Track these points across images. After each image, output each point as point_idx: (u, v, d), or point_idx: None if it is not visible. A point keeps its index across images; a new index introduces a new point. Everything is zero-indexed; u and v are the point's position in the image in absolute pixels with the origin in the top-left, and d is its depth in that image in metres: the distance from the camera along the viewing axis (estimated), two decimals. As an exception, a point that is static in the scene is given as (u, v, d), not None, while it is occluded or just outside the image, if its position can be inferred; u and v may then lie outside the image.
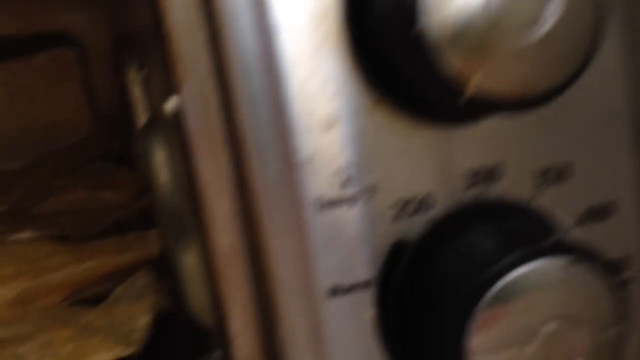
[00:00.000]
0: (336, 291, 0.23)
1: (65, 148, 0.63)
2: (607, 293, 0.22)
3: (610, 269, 0.22)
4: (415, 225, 0.23)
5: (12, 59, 0.65)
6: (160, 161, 0.32)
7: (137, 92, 0.39)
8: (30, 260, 0.36)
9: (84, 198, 0.53)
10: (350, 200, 0.23)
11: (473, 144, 0.24)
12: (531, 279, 0.21)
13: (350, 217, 0.23)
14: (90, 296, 0.36)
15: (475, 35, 0.20)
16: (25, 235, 0.38)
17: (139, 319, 0.30)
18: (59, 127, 0.69)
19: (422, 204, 0.23)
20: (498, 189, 0.24)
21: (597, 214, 0.25)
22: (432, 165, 0.23)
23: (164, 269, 0.36)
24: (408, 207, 0.23)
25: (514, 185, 0.24)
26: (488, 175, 0.24)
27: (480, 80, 0.20)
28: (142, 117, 0.39)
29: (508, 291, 0.21)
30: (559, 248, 0.22)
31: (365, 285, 0.23)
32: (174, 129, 0.25)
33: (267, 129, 0.22)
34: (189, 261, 0.28)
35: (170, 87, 0.24)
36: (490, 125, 0.24)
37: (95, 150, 0.61)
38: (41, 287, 0.34)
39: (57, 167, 0.59)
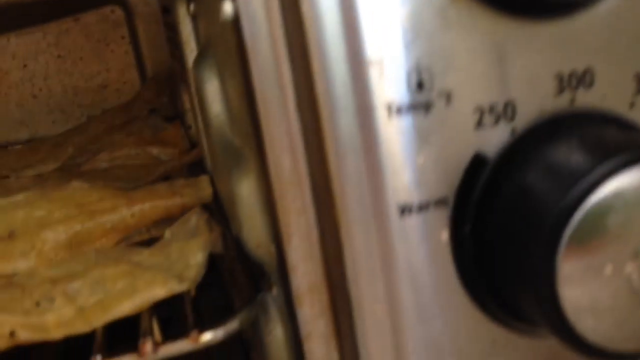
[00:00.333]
0: (407, 210, 0.21)
1: (115, 107, 0.62)
2: None
3: None
4: (497, 136, 0.21)
5: (60, 19, 0.65)
6: (213, 91, 0.30)
7: (186, 29, 0.37)
8: (81, 204, 0.35)
9: (133, 154, 0.53)
10: (423, 107, 0.20)
11: (562, 45, 0.21)
12: (630, 189, 0.19)
13: (424, 125, 0.20)
14: (143, 240, 0.35)
15: None
16: (76, 185, 0.37)
17: (193, 256, 0.29)
18: (108, 87, 0.69)
19: (504, 113, 0.21)
20: (590, 97, 0.21)
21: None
22: (515, 68, 0.21)
23: (216, 212, 0.35)
24: (488, 115, 0.21)
25: (607, 93, 0.22)
26: (579, 80, 0.21)
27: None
28: (192, 55, 0.37)
29: (607, 201, 0.19)
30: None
31: (439, 203, 0.21)
32: (230, 41, 0.23)
33: (333, 26, 0.20)
34: (246, 191, 0.27)
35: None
36: (582, 25, 0.21)
37: (143, 109, 0.61)
38: (93, 230, 0.33)
39: (107, 124, 0.58)
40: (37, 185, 0.44)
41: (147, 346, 0.25)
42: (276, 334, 0.28)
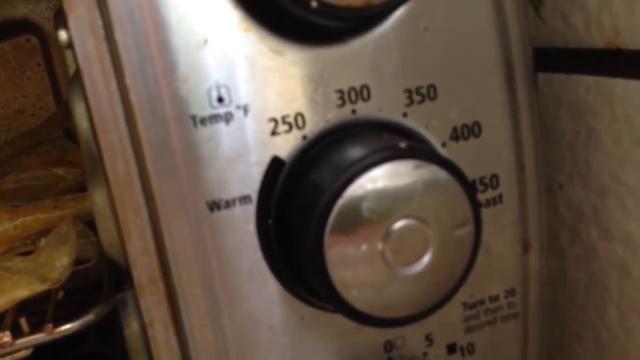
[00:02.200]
0: (218, 205, 0.25)
1: (26, 131, 0.65)
2: (459, 195, 0.24)
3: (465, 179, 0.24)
4: (291, 142, 0.25)
5: (-25, 49, 0.67)
6: (81, 111, 0.33)
7: (69, 55, 0.41)
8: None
9: (39, 175, 0.55)
10: (224, 117, 0.24)
11: (340, 66, 0.25)
12: (384, 179, 0.23)
13: (226, 133, 0.25)
14: (29, 250, 0.38)
15: None
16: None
17: (59, 260, 0.32)
18: (25, 113, 0.71)
19: (295, 122, 0.25)
20: (368, 109, 0.26)
21: (463, 134, 0.27)
22: (302, 85, 0.25)
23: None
24: (282, 125, 0.25)
25: (383, 105, 0.26)
26: (357, 95, 0.26)
27: None
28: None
29: (363, 191, 0.23)
30: (411, 151, 0.23)
31: (244, 199, 0.25)
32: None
33: (145, 48, 0.24)
34: (99, 197, 0.30)
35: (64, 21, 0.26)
36: (355, 49, 0.26)
37: (53, 132, 0.63)
38: (-23, 241, 0.36)
39: (16, 148, 0.61)
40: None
41: (5, 338, 0.28)
42: (133, 326, 0.32)
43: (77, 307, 0.33)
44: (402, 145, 0.24)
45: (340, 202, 0.23)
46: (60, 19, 0.40)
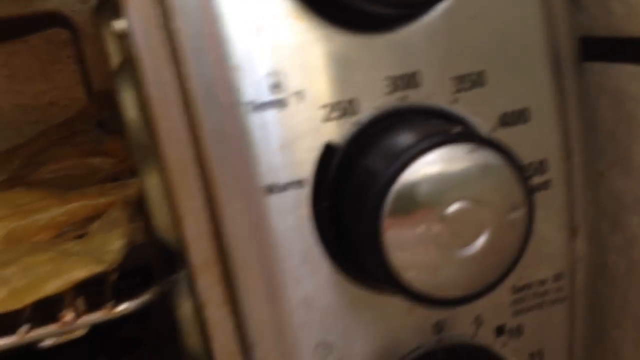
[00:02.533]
0: (273, 189, 0.26)
1: (60, 122, 0.66)
2: (512, 179, 0.24)
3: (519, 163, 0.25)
4: (344, 128, 0.26)
5: (9, 41, 0.69)
6: (129, 99, 0.34)
7: (111, 43, 0.42)
8: (17, 205, 0.39)
9: (75, 165, 0.56)
10: (278, 105, 0.25)
11: (392, 54, 0.26)
12: (438, 164, 0.24)
13: (281, 119, 0.25)
14: (77, 235, 0.39)
15: None
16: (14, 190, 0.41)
17: (111, 243, 0.33)
18: (56, 105, 0.73)
19: (348, 109, 0.26)
20: (418, 95, 0.27)
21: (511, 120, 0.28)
22: (356, 72, 0.26)
23: (143, 209, 0.39)
24: (335, 111, 0.26)
25: (433, 92, 0.27)
26: (408, 82, 0.26)
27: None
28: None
29: (417, 176, 0.24)
30: (465, 136, 0.24)
31: (299, 183, 0.26)
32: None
33: (201, 36, 0.25)
34: (152, 183, 0.31)
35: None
36: (405, 37, 0.26)
37: (87, 123, 0.65)
38: (28, 227, 0.37)
39: (51, 138, 0.62)
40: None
41: (68, 316, 0.29)
42: (185, 308, 0.33)
43: (126, 291, 0.34)
44: (455, 130, 0.24)
45: (396, 187, 0.23)
46: (106, 10, 0.41)
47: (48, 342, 0.31)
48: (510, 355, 0.30)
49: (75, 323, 0.29)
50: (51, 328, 0.29)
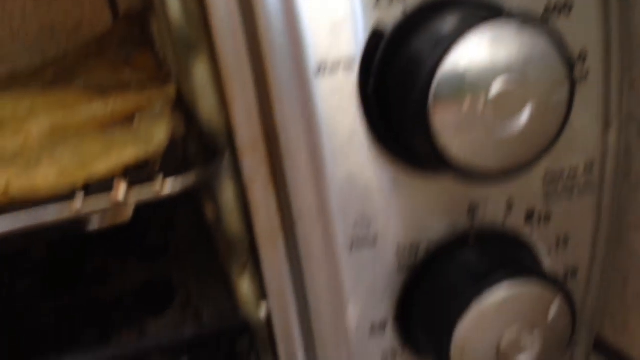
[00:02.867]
0: (322, 70, 0.27)
1: (90, 39, 0.67)
2: (557, 59, 0.25)
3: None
4: (391, 15, 0.27)
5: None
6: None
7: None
8: (60, 101, 0.40)
9: (106, 77, 0.57)
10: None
11: None
12: (486, 42, 0.25)
13: (333, 0, 0.26)
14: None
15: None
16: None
17: (157, 132, 0.34)
18: (83, 26, 0.73)
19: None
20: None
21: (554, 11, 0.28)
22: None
23: (180, 106, 0.41)
24: (385, -1, 0.27)
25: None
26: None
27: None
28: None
29: (465, 54, 0.24)
30: (512, 15, 0.25)
31: (348, 65, 0.27)
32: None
33: None
34: (200, 73, 0.32)
35: None
36: None
37: (116, 41, 0.65)
38: (71, 121, 0.39)
39: (82, 54, 0.63)
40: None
41: (122, 186, 0.31)
42: (228, 192, 0.34)
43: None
44: (503, 10, 0.25)
45: (443, 68, 0.24)
46: None
47: (96, 224, 0.33)
48: (537, 240, 0.32)
49: (126, 199, 0.31)
50: (104, 202, 0.31)
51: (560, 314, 0.30)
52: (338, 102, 0.28)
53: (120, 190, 0.31)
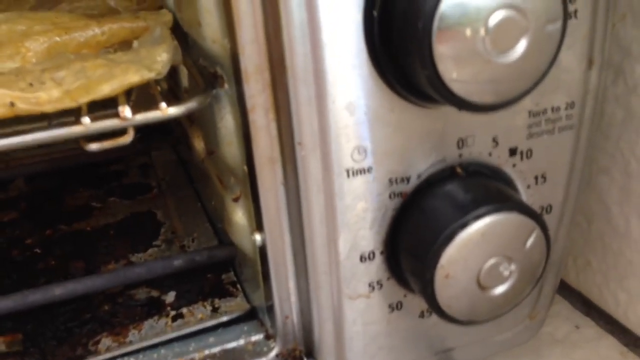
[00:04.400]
0: (330, -7, 0.28)
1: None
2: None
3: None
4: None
5: None
6: None
7: None
8: (56, 22, 0.40)
9: (92, 5, 0.56)
10: None
11: None
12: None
13: None
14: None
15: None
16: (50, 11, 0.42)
17: (159, 55, 0.35)
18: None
19: None
20: None
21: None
22: None
23: (176, 34, 0.41)
24: None
25: None
26: None
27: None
28: None
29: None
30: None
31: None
32: None
33: None
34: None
35: None
36: None
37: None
38: (68, 43, 0.39)
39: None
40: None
41: (126, 111, 0.32)
42: (227, 118, 0.35)
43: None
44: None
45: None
46: None
47: (97, 145, 0.34)
48: (518, 175, 0.34)
49: (133, 119, 0.32)
50: (112, 122, 0.32)
51: (537, 246, 0.32)
52: (343, 26, 0.29)
53: (126, 113, 0.31)
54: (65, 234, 0.55)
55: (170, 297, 0.45)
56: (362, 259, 0.34)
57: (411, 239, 0.32)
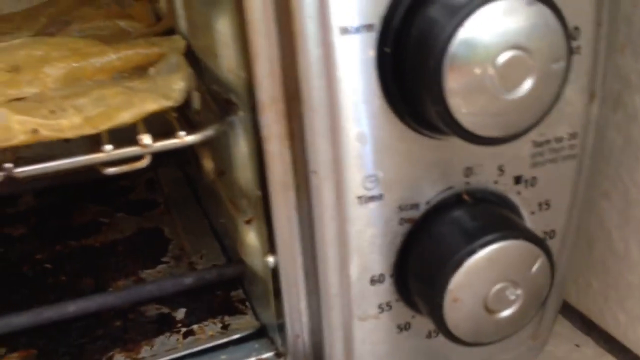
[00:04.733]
0: (346, 30, 0.29)
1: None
2: (559, 33, 0.28)
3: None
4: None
5: None
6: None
7: None
8: (73, 48, 0.41)
9: (102, 25, 0.58)
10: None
11: None
12: (498, 13, 0.27)
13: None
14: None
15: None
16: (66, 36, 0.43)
17: (176, 83, 0.36)
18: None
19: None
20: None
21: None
22: None
23: (190, 60, 0.42)
24: (406, -36, 0.29)
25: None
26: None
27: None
28: None
29: (478, 24, 0.27)
30: None
31: (369, 27, 0.29)
32: None
33: None
34: (222, 26, 0.34)
35: None
36: None
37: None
38: (85, 68, 0.40)
39: (73, 2, 0.63)
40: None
41: (146, 139, 0.33)
42: (241, 144, 0.37)
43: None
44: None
45: (457, 37, 0.27)
46: None
47: (115, 169, 0.35)
48: (522, 201, 0.36)
49: (152, 146, 0.33)
50: (132, 149, 0.33)
51: (542, 271, 0.34)
52: (358, 62, 0.30)
53: (146, 141, 0.32)
54: (75, 249, 0.56)
55: (180, 313, 0.46)
56: (372, 281, 0.35)
57: (420, 264, 0.34)
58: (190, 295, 0.47)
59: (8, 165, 0.31)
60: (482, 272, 0.32)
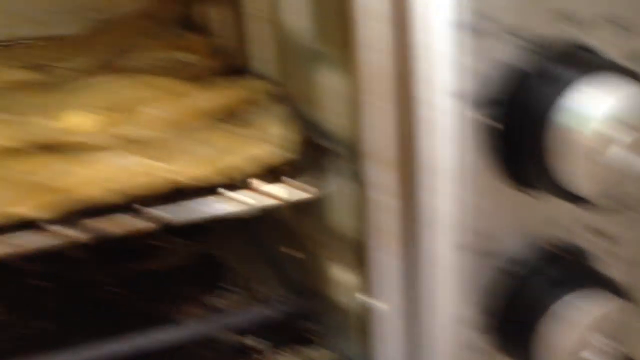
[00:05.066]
0: (460, 96, 0.31)
1: (135, 12, 0.67)
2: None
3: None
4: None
5: None
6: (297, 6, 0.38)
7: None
8: (158, 87, 0.42)
9: (160, 57, 0.59)
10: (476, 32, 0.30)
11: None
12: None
13: (478, 46, 0.30)
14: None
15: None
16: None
17: (275, 128, 0.38)
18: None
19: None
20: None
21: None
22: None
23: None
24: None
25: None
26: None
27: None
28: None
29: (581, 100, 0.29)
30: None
31: (482, 95, 0.31)
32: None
33: None
34: (329, 83, 0.36)
35: None
36: None
37: (161, 17, 0.66)
38: (180, 112, 0.41)
39: (131, 28, 0.63)
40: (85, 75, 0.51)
41: (256, 183, 0.34)
42: (342, 191, 0.38)
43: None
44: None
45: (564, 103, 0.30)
46: None
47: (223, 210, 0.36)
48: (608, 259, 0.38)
49: (261, 189, 0.35)
50: (248, 195, 0.34)
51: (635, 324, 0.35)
52: (468, 132, 0.32)
53: (257, 185, 0.34)
54: (138, 273, 0.57)
55: (257, 343, 0.47)
56: (464, 323, 0.37)
57: (517, 314, 0.36)
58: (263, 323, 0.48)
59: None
60: (577, 325, 0.34)
